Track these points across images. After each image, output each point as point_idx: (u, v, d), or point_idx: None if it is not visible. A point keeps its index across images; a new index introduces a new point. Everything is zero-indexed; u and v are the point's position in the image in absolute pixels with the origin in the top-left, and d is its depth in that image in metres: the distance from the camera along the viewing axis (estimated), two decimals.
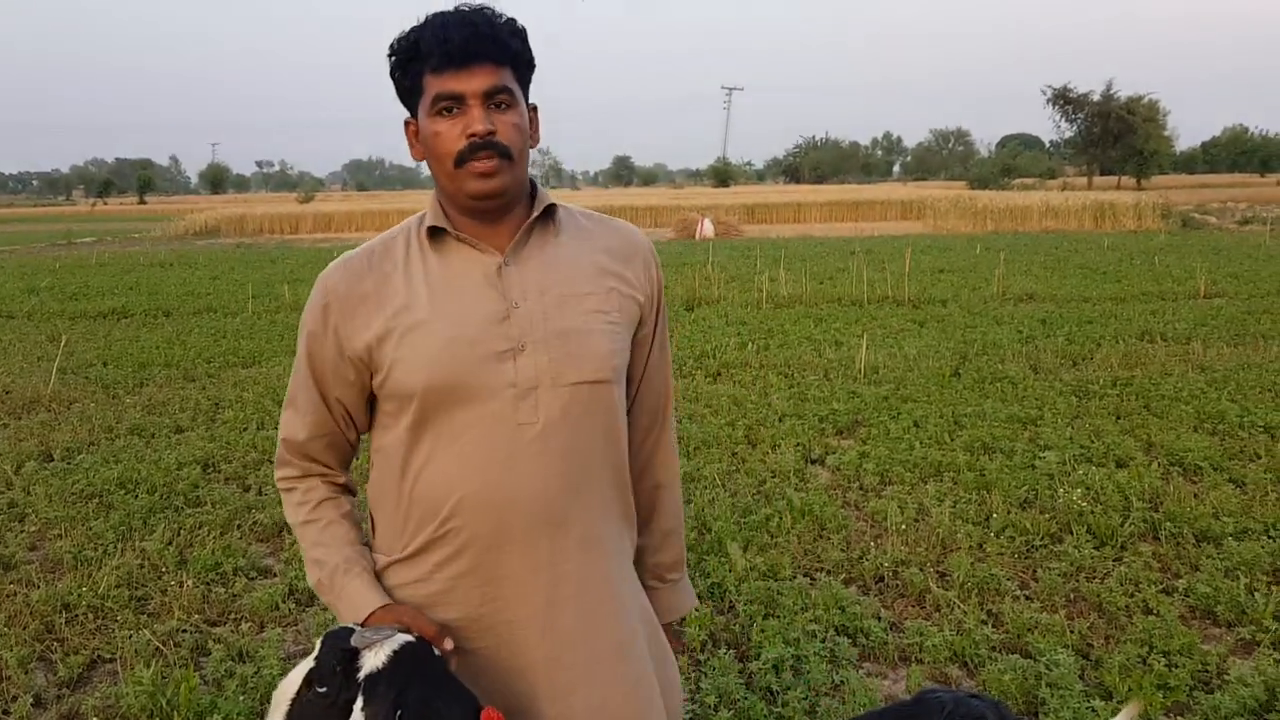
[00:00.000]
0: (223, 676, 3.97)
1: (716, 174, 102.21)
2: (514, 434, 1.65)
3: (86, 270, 24.04)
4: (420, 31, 1.64)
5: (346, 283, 1.73)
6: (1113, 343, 10.66)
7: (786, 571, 4.84)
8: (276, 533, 5.63)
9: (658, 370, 1.92)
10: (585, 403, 1.70)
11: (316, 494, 1.82)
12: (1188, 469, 6.22)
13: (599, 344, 1.71)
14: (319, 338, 1.75)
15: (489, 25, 1.63)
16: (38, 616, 4.53)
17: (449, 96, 1.63)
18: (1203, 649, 3.92)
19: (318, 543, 1.78)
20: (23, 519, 5.88)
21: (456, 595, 1.71)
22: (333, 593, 1.73)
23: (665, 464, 1.97)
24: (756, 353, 10.70)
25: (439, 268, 1.71)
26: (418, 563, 1.72)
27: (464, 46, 1.61)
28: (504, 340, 1.66)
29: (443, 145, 1.65)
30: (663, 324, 1.91)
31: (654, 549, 1.98)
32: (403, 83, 1.71)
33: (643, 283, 1.83)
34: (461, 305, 1.67)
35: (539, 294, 1.70)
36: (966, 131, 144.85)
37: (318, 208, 51.40)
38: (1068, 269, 18.64)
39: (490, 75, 1.64)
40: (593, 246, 1.79)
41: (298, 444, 1.82)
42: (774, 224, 43.73)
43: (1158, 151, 76.06)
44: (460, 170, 1.65)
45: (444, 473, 1.68)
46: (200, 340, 12.61)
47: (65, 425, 8.11)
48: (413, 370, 1.65)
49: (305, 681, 1.52)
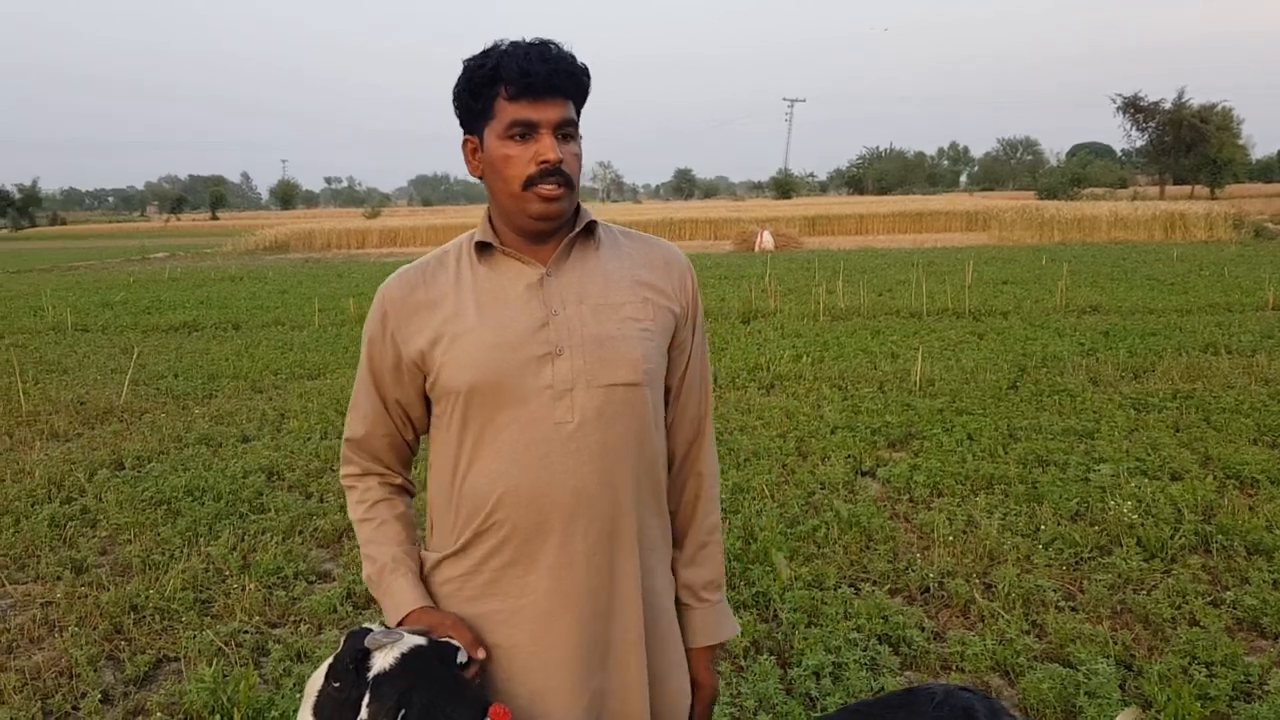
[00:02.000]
0: (281, 676, 4.12)
1: (778, 186, 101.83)
2: (551, 432, 1.75)
3: (159, 285, 24.70)
4: (499, 59, 1.74)
5: (402, 293, 1.86)
6: (1175, 355, 10.52)
7: (831, 581, 4.88)
8: (336, 538, 5.80)
9: (696, 381, 1.98)
10: (619, 404, 1.79)
11: (373, 494, 1.95)
12: (1244, 482, 6.15)
13: (632, 349, 1.80)
14: (378, 344, 1.89)
15: (566, 63, 1.75)
16: (107, 617, 4.73)
17: (524, 124, 1.73)
18: (1245, 660, 3.90)
19: (371, 540, 1.91)
20: (94, 524, 6.11)
21: (501, 586, 1.81)
22: (380, 589, 1.86)
23: (703, 475, 2.00)
24: (811, 365, 10.71)
25: (487, 279, 1.83)
26: (466, 556, 1.83)
27: (545, 80, 1.72)
28: (543, 345, 1.76)
29: (513, 168, 1.75)
30: (699, 336, 1.98)
31: (687, 561, 2.00)
32: (472, 105, 1.80)
33: (678, 294, 1.91)
34: (505, 313, 1.79)
35: (577, 302, 1.80)
36: (1035, 141, 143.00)
37: (384, 223, 52.18)
38: (1134, 280, 18.35)
39: (562, 108, 1.75)
40: (630, 260, 1.89)
41: (359, 441, 1.97)
42: (835, 236, 43.50)
43: (1232, 160, 74.33)
44: (526, 192, 1.75)
45: (488, 469, 1.78)
46: (268, 353, 12.93)
47: (136, 435, 8.39)
48: (459, 371, 1.77)
49: (325, 676, 1.62)
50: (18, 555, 5.64)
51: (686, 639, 1.99)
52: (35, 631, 4.67)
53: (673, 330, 1.90)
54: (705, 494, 2.00)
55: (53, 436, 8.54)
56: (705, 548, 2.00)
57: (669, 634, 1.93)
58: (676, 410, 1.97)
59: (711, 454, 2.02)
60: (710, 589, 2.00)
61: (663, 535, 1.94)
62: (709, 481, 2.01)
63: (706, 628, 1.99)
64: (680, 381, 1.96)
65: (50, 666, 4.29)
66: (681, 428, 1.98)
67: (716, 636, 2.00)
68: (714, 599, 2.00)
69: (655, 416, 1.87)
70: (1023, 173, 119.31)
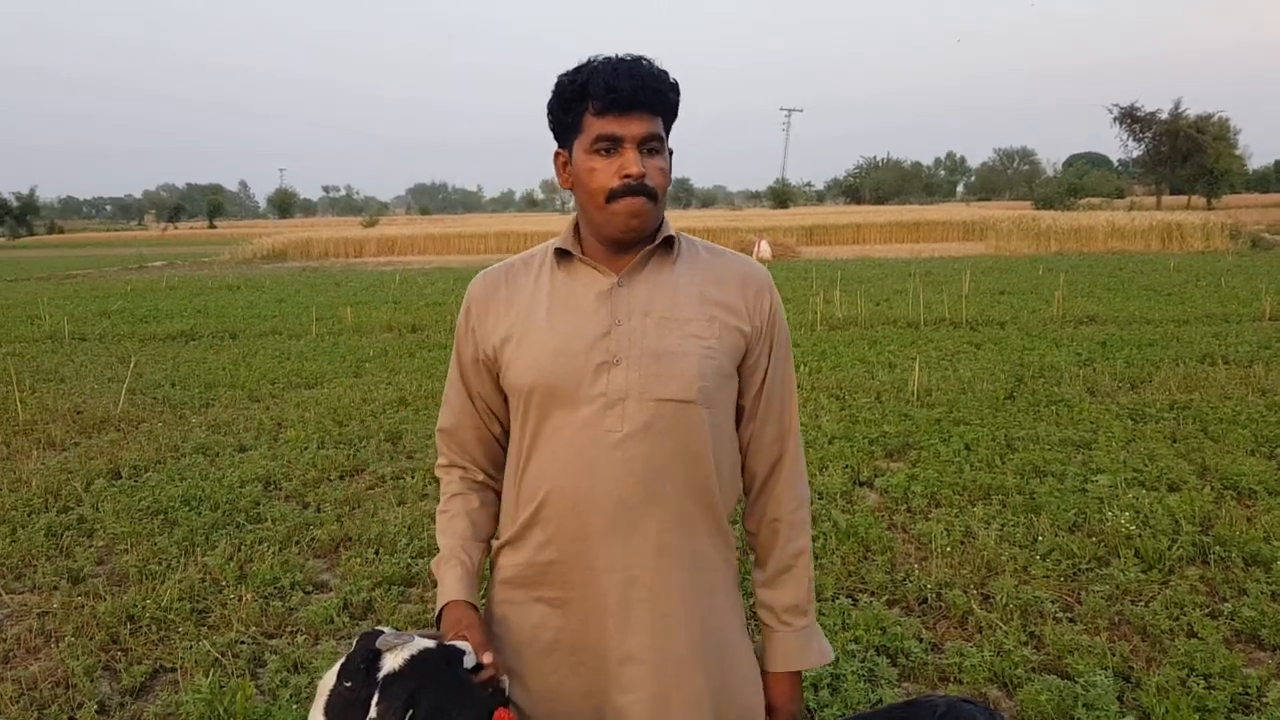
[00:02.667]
0: (278, 686, 4.11)
1: (775, 195, 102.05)
2: (598, 439, 1.79)
3: (157, 293, 24.70)
4: (588, 75, 1.78)
5: (484, 291, 1.96)
6: (1172, 365, 10.53)
7: (829, 592, 4.88)
8: (333, 548, 5.79)
9: (775, 403, 1.96)
10: (668, 419, 1.80)
11: (453, 487, 2.03)
12: (1241, 492, 6.16)
13: (689, 366, 1.81)
14: (463, 338, 1.98)
15: (653, 79, 1.78)
16: (104, 627, 4.72)
17: (608, 138, 1.78)
18: (1244, 672, 3.90)
19: (442, 530, 2.00)
20: (91, 534, 6.10)
21: (550, 578, 1.88)
22: (437, 575, 1.95)
23: (785, 501, 1.97)
24: (808, 375, 10.72)
25: (563, 284, 1.89)
26: (521, 546, 1.90)
27: (630, 96, 1.76)
28: (603, 353, 1.81)
29: (597, 181, 1.80)
30: (778, 357, 1.96)
31: (767, 583, 1.99)
32: (563, 119, 1.84)
33: (750, 313, 1.90)
34: (572, 319, 1.84)
35: (642, 315, 1.83)
36: (1032, 151, 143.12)
37: (382, 231, 52.20)
38: (1131, 290, 18.39)
39: (647, 123, 1.79)
40: (704, 276, 1.91)
41: (448, 432, 2.04)
42: (832, 245, 43.54)
43: (1229, 170, 74.56)
44: (610, 205, 1.80)
45: (540, 467, 1.85)
46: (265, 362, 12.92)
47: (133, 444, 8.38)
48: (524, 371, 1.84)
49: (337, 675, 1.65)
50: (14, 565, 5.63)
51: (765, 662, 1.98)
52: (32, 641, 4.66)
53: (742, 350, 1.89)
54: (787, 518, 1.97)
55: (49, 445, 8.53)
56: (789, 571, 1.98)
57: (733, 654, 1.92)
58: (752, 431, 1.96)
59: (797, 477, 1.99)
60: (793, 613, 1.97)
61: (723, 556, 1.93)
62: (792, 505, 1.98)
63: (787, 652, 1.96)
64: (755, 402, 1.94)
65: (47, 677, 4.28)
66: (759, 450, 1.97)
67: (798, 663, 1.97)
68: (796, 623, 1.97)
69: (714, 436, 1.86)
70: (1019, 183, 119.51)
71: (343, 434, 8.45)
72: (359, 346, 14.17)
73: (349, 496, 6.65)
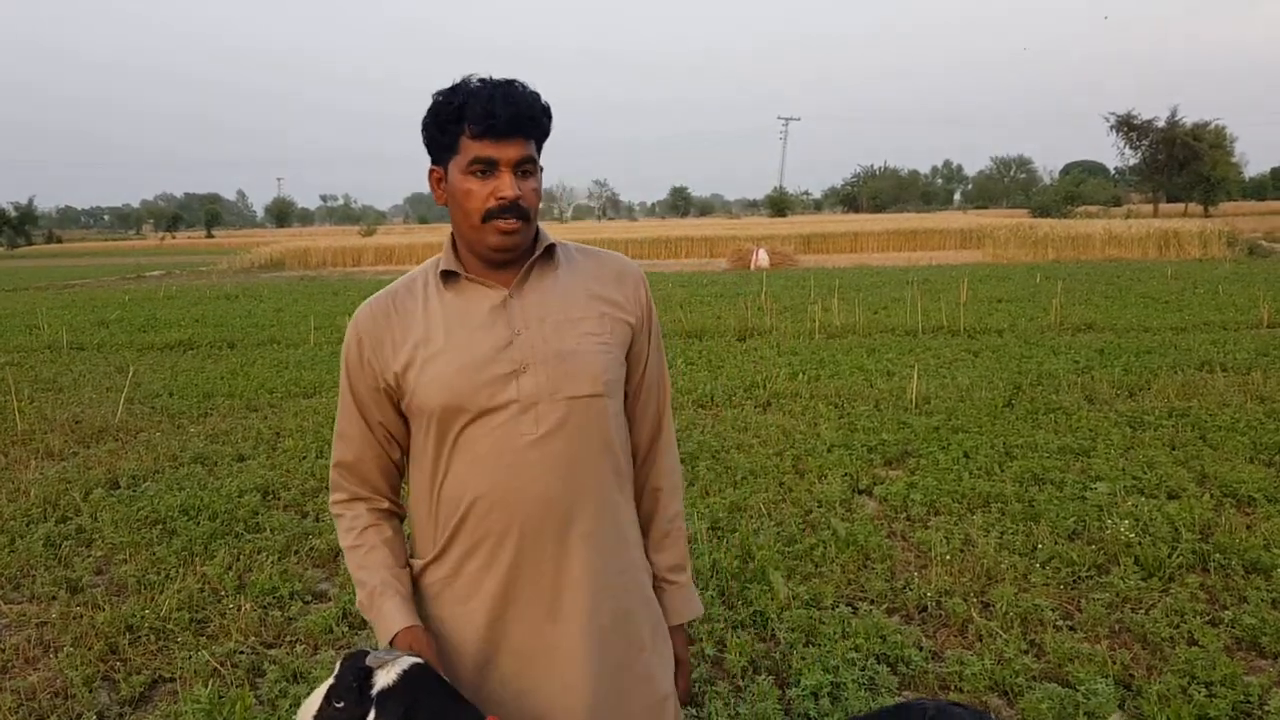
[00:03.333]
0: (277, 697, 4.10)
1: (773, 204, 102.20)
2: (518, 443, 1.87)
3: (154, 303, 24.69)
4: (465, 99, 1.83)
5: (373, 321, 1.98)
6: (1171, 373, 10.54)
7: (829, 600, 4.88)
8: (332, 558, 5.78)
9: (654, 384, 2.11)
10: (581, 414, 1.90)
11: (361, 520, 2.03)
12: (1241, 500, 6.16)
13: (592, 363, 1.91)
14: (356, 370, 2.00)
15: (528, 106, 1.85)
16: (102, 637, 4.71)
17: (484, 161, 1.85)
18: (1245, 680, 3.90)
19: (361, 565, 1.98)
20: (90, 544, 6.09)
21: (480, 588, 1.92)
22: (371, 612, 1.93)
23: (664, 470, 2.13)
24: (807, 383, 10.72)
25: (453, 304, 1.94)
26: (445, 560, 1.94)
27: (508, 122, 1.82)
28: (508, 363, 1.88)
29: (472, 202, 1.87)
30: (655, 342, 2.11)
31: (654, 548, 2.12)
32: (439, 139, 1.91)
33: (633, 305, 2.04)
34: (471, 336, 1.90)
35: (539, 322, 1.92)
36: (1029, 159, 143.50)
37: (379, 240, 52.18)
38: (1128, 298, 18.40)
39: (521, 148, 1.86)
40: (586, 277, 2.02)
41: (348, 466, 2.05)
42: (830, 254, 43.60)
43: (1225, 178, 74.69)
44: (485, 225, 1.88)
45: (461, 478, 1.89)
46: (263, 371, 12.92)
47: (132, 453, 8.38)
48: (431, 393, 1.88)
49: (325, 698, 1.67)
50: (13, 575, 5.62)
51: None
52: (30, 652, 4.65)
53: (629, 340, 2.03)
54: (665, 485, 2.13)
55: (48, 455, 8.52)
56: (669, 535, 2.13)
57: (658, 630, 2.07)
58: (636, 411, 2.10)
59: (671, 449, 2.16)
60: (676, 571, 2.13)
61: (637, 531, 2.08)
62: (668, 473, 2.14)
63: (676, 607, 2.13)
64: (638, 385, 2.09)
65: (45, 687, 4.27)
66: (642, 426, 2.11)
67: (684, 614, 2.13)
68: (681, 579, 2.14)
69: (617, 422, 1.99)
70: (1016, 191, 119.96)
71: None
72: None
73: None
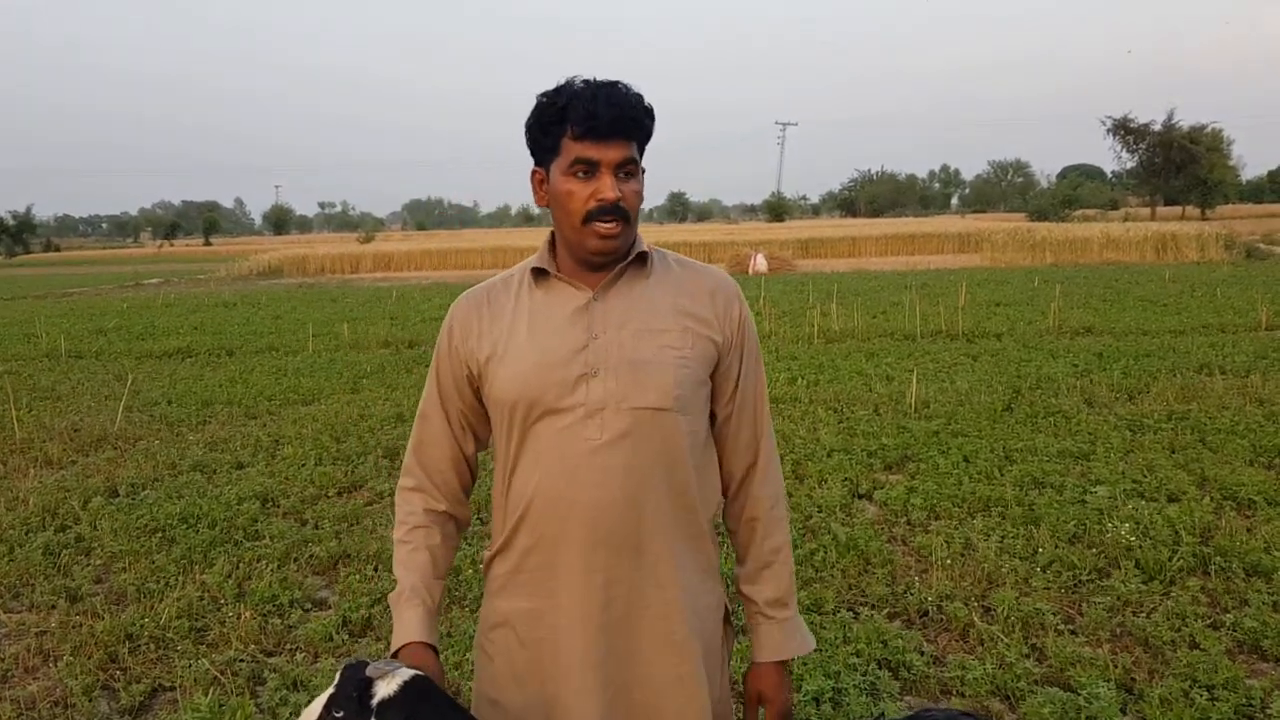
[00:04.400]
0: (277, 705, 4.09)
1: (771, 209, 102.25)
2: (580, 447, 1.85)
3: (153, 311, 24.67)
4: (569, 99, 1.83)
5: (466, 311, 2.02)
6: (1170, 376, 10.54)
7: (830, 605, 4.87)
8: (331, 565, 5.77)
9: (748, 407, 2.04)
10: (646, 426, 1.87)
11: (415, 517, 2.04)
12: (1241, 503, 6.15)
13: (665, 375, 1.88)
14: (445, 357, 2.03)
15: (630, 107, 1.84)
16: (102, 646, 4.69)
17: (586, 162, 1.84)
18: (1247, 684, 3.89)
19: (401, 563, 2.02)
20: (89, 552, 6.08)
21: (533, 586, 1.92)
22: (395, 611, 1.96)
23: (762, 500, 2.06)
24: (806, 388, 10.72)
25: (541, 302, 1.95)
26: (509, 554, 1.95)
27: (610, 124, 1.81)
28: (581, 366, 1.87)
29: (573, 203, 1.86)
30: (750, 363, 2.04)
31: (750, 579, 2.07)
32: (541, 140, 1.90)
33: (721, 323, 1.98)
34: (551, 335, 1.90)
35: (618, 328, 1.90)
36: (1026, 163, 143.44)
37: (378, 247, 52.26)
38: (1127, 301, 18.42)
39: (623, 149, 1.85)
40: (676, 289, 1.98)
41: (422, 448, 2.07)
42: (828, 258, 43.60)
43: (1222, 181, 74.88)
44: (585, 227, 1.86)
45: (526, 475, 1.91)
46: (262, 378, 12.91)
47: (130, 462, 8.36)
48: (508, 385, 1.90)
49: (325, 707, 1.66)
50: (12, 584, 5.61)
51: (754, 653, 2.07)
52: (30, 661, 4.64)
53: (714, 359, 1.98)
54: (764, 516, 2.06)
55: (47, 464, 8.51)
56: (769, 567, 2.06)
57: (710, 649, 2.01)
58: (728, 435, 2.04)
59: (773, 477, 2.08)
60: (775, 606, 2.05)
61: (697, 560, 1.99)
62: (768, 504, 2.06)
63: (772, 643, 2.05)
64: (729, 407, 2.02)
65: (45, 696, 4.26)
66: (736, 452, 2.05)
67: (783, 653, 2.05)
68: (780, 615, 2.05)
69: (691, 442, 1.93)
70: (1014, 195, 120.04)
71: (340, 450, 8.44)
72: (356, 363, 14.15)
73: (347, 513, 6.63)
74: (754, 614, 2.06)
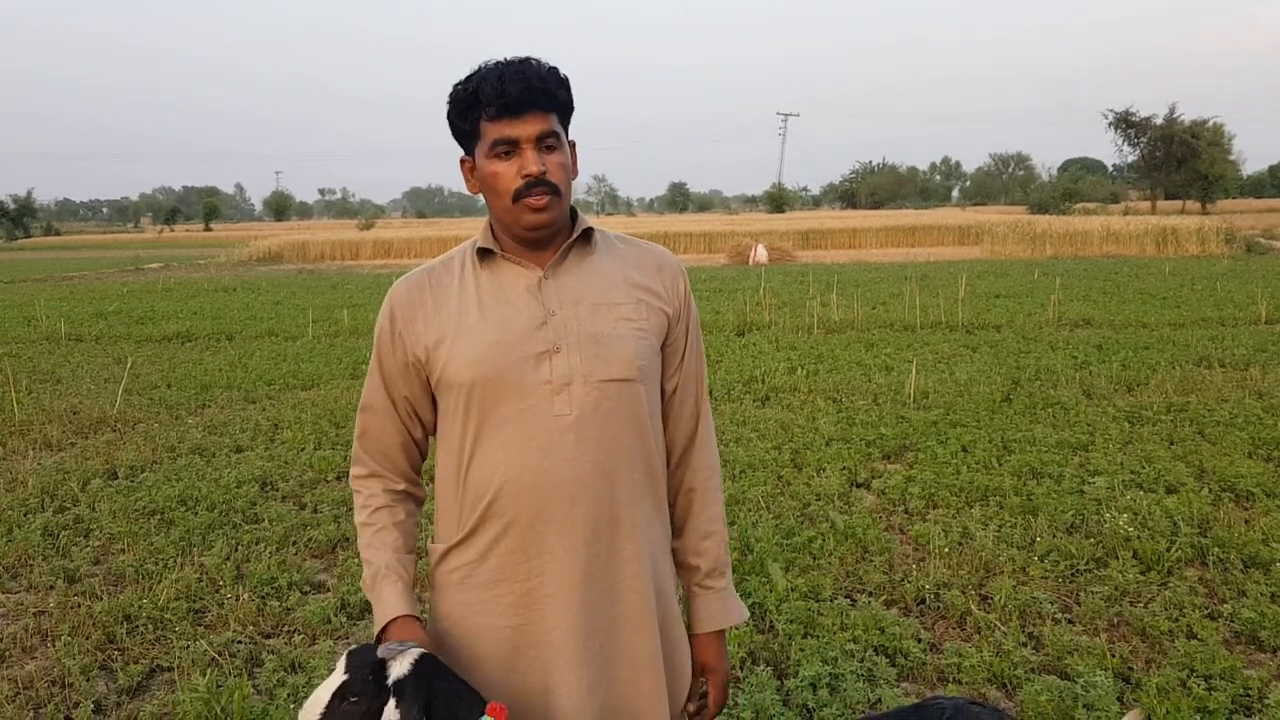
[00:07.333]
0: (275, 686, 4.10)
1: (772, 200, 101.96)
2: (550, 424, 1.84)
3: (153, 295, 24.66)
4: (478, 83, 1.84)
5: (408, 296, 1.97)
6: (1169, 369, 10.54)
7: (827, 592, 4.88)
8: (330, 549, 5.77)
9: (690, 378, 2.06)
10: (614, 398, 1.88)
11: (376, 499, 2.02)
12: (1239, 495, 6.16)
13: (627, 347, 1.89)
14: (387, 343, 1.98)
15: (539, 79, 1.83)
16: (100, 627, 4.70)
17: (505, 141, 1.84)
18: (1244, 674, 3.90)
19: (369, 545, 1.98)
20: (88, 534, 6.08)
21: (506, 571, 1.89)
22: (373, 592, 1.94)
23: (700, 469, 2.08)
24: (806, 378, 10.72)
25: (489, 282, 1.93)
26: (472, 543, 1.91)
27: (519, 98, 1.81)
28: (542, 343, 1.86)
29: (501, 183, 1.86)
30: (693, 337, 2.07)
31: (691, 550, 2.08)
32: (461, 127, 1.91)
33: (670, 296, 2.01)
34: (506, 313, 1.89)
35: (574, 303, 1.90)
36: (1027, 156, 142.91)
37: (378, 234, 52.15)
38: (1126, 294, 18.41)
39: (540, 122, 1.85)
40: (624, 264, 1.99)
41: (370, 437, 2.03)
42: (829, 249, 43.58)
43: (1223, 175, 74.75)
44: (517, 205, 1.85)
45: (490, 459, 1.87)
46: (261, 363, 12.91)
47: (130, 444, 8.36)
48: (463, 366, 1.87)
49: (336, 695, 1.65)
50: (11, 564, 5.61)
51: (694, 624, 2.08)
52: (28, 641, 4.65)
53: (665, 330, 2.00)
54: (703, 485, 2.08)
55: (46, 446, 8.51)
56: (708, 537, 2.07)
57: (670, 616, 2.02)
58: (673, 406, 2.05)
59: (710, 448, 2.10)
60: (714, 576, 2.07)
61: (662, 526, 2.03)
62: (707, 474, 2.08)
63: (712, 613, 2.07)
64: (674, 379, 2.04)
65: (43, 676, 4.27)
66: (679, 423, 2.06)
67: (722, 622, 2.07)
68: (718, 585, 2.08)
69: (651, 411, 1.96)
70: (1014, 187, 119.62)
71: (339, 435, 8.44)
72: (356, 348, 14.15)
73: (346, 497, 6.62)
74: (692, 585, 2.08)
